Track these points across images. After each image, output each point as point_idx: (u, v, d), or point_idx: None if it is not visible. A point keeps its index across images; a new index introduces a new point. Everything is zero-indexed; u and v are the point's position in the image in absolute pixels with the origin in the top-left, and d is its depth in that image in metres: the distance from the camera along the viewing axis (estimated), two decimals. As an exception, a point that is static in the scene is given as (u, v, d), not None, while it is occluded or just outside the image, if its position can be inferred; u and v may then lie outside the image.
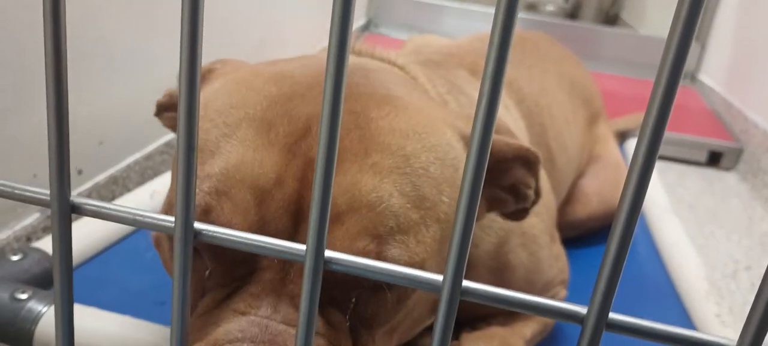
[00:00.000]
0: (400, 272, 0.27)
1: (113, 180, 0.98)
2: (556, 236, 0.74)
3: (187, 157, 0.26)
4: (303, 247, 0.27)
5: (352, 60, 0.53)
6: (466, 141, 0.47)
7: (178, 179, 0.26)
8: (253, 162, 0.39)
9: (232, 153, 0.39)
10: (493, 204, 0.51)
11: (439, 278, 0.27)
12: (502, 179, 0.49)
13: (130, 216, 0.28)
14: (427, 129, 0.43)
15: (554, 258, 0.71)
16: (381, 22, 2.45)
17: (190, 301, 0.43)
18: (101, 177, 0.95)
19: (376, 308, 0.42)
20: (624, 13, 3.30)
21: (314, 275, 0.27)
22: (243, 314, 0.38)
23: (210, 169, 0.39)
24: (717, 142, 1.59)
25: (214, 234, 0.28)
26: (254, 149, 0.39)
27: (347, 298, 0.41)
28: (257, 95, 0.43)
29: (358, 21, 2.32)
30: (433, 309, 0.49)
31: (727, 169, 1.59)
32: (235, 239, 0.28)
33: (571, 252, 0.79)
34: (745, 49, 1.83)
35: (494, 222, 0.62)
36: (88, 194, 0.93)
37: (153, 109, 0.58)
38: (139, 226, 0.28)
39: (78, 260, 0.75)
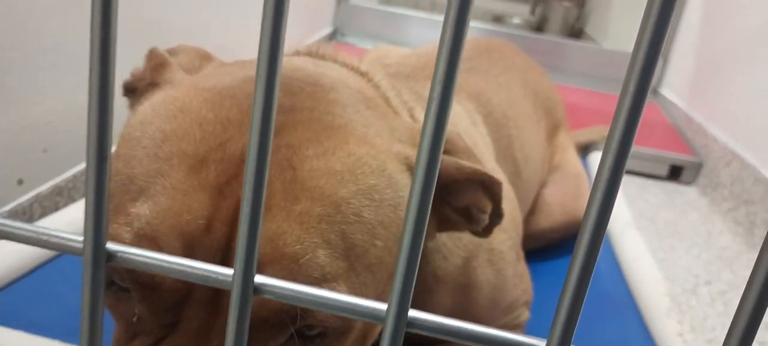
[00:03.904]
0: (339, 300, 0.24)
1: (57, 190, 0.92)
2: (521, 254, 0.72)
3: (99, 169, 0.23)
4: (230, 271, 0.24)
5: (308, 67, 0.50)
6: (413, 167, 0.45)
7: (86, 194, 0.23)
8: (182, 208, 0.37)
9: (162, 196, 0.38)
10: (443, 224, 0.49)
11: (383, 306, 0.24)
12: (454, 199, 0.47)
13: (34, 236, 0.25)
14: (366, 167, 0.41)
15: (519, 277, 0.69)
16: (347, 31, 2.43)
17: (122, 341, 0.40)
18: (44, 187, 0.90)
19: None
20: (588, 27, 3.35)
21: (242, 303, 0.24)
22: None
23: (140, 208, 0.38)
24: (678, 157, 1.61)
25: (130, 256, 0.24)
26: (184, 193, 0.38)
27: (274, 344, 0.39)
28: (192, 123, 0.40)
29: (324, 29, 2.29)
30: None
31: (688, 183, 1.61)
32: (153, 261, 0.24)
33: (533, 266, 0.78)
34: (706, 63, 1.87)
35: (464, 235, 0.60)
36: (30, 206, 0.88)
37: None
38: (43, 246, 0.25)
39: (12, 276, 0.70)
